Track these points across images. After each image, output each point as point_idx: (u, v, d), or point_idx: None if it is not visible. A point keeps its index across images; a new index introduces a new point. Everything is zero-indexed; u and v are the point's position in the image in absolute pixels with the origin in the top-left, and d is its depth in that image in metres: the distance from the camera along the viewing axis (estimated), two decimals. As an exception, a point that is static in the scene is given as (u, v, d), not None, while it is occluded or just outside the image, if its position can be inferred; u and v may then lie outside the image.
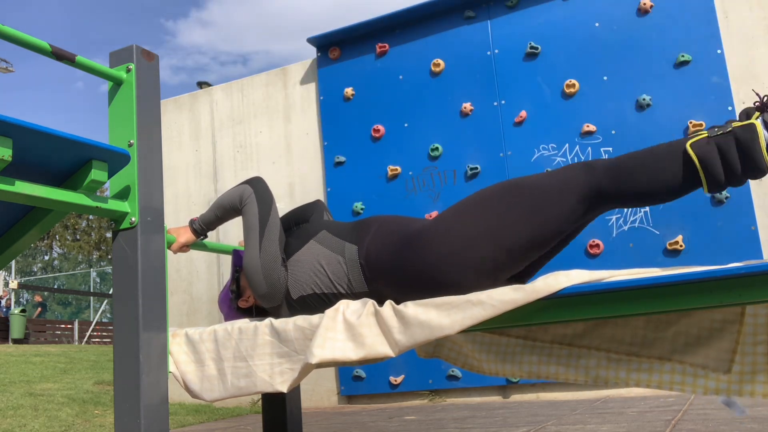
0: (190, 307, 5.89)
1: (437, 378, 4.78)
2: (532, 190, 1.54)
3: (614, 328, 1.69)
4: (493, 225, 1.53)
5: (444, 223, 1.60)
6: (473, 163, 4.95)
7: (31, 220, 1.66)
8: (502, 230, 1.52)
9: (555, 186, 1.52)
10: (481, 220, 1.54)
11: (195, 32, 57.95)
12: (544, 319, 1.34)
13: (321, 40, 5.52)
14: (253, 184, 1.87)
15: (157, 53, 1.70)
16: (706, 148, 1.40)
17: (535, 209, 1.51)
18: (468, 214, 1.57)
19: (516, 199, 1.54)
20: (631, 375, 1.64)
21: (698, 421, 2.74)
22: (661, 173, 1.45)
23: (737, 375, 1.52)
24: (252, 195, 1.84)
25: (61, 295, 23.95)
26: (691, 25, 4.52)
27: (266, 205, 1.83)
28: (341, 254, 1.75)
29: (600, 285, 1.28)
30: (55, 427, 3.86)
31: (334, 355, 1.44)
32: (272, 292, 1.77)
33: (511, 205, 1.53)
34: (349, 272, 1.72)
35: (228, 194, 1.88)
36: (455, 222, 1.57)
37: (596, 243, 4.52)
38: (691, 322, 1.58)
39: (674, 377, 1.58)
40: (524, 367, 1.80)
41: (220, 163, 6.02)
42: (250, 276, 1.78)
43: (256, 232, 1.80)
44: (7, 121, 1.23)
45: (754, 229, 4.19)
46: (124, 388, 1.48)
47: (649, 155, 1.48)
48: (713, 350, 1.54)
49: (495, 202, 1.56)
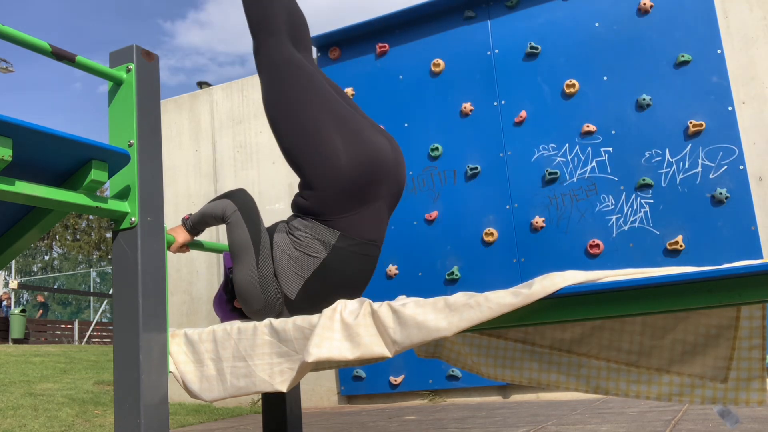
0: (190, 307, 5.89)
1: (437, 378, 4.78)
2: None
3: (612, 333, 1.70)
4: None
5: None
6: (473, 163, 4.95)
7: (31, 220, 1.66)
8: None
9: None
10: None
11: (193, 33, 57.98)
12: (540, 320, 1.34)
13: (321, 40, 5.52)
14: (235, 198, 1.86)
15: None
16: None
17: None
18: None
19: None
20: (631, 386, 1.67)
21: (698, 421, 2.74)
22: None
23: (734, 382, 1.54)
24: (236, 212, 1.82)
25: (61, 295, 23.96)
26: (691, 25, 4.52)
27: (254, 223, 1.83)
28: (296, 229, 1.84)
29: (595, 285, 1.28)
30: (55, 427, 3.86)
31: (330, 354, 1.45)
32: (269, 306, 1.80)
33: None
34: (313, 233, 1.81)
35: (211, 207, 1.87)
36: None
37: (596, 243, 4.52)
38: (688, 328, 1.60)
39: (672, 389, 1.62)
40: (525, 374, 1.82)
41: (220, 163, 6.02)
42: (246, 293, 1.79)
43: (250, 252, 1.80)
44: (7, 121, 1.23)
45: (754, 229, 4.19)
46: (124, 388, 1.48)
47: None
48: (710, 358, 1.57)
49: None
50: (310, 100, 1.86)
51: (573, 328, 1.75)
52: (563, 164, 4.71)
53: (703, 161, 4.37)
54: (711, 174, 4.34)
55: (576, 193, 4.65)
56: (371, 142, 1.85)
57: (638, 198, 4.49)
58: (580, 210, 4.62)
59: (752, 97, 4.38)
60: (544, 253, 4.65)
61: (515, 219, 4.77)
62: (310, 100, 1.86)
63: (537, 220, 4.69)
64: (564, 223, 4.64)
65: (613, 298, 1.27)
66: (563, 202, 4.67)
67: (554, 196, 4.70)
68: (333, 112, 1.86)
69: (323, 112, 1.84)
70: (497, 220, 4.82)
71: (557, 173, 4.69)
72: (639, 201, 4.48)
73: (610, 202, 4.56)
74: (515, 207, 4.79)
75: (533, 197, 4.76)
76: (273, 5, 1.95)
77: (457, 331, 1.37)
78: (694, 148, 4.40)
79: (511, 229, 4.78)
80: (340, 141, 1.81)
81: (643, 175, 4.49)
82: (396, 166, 1.93)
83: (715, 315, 1.56)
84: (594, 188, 4.61)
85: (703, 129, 4.39)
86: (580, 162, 4.67)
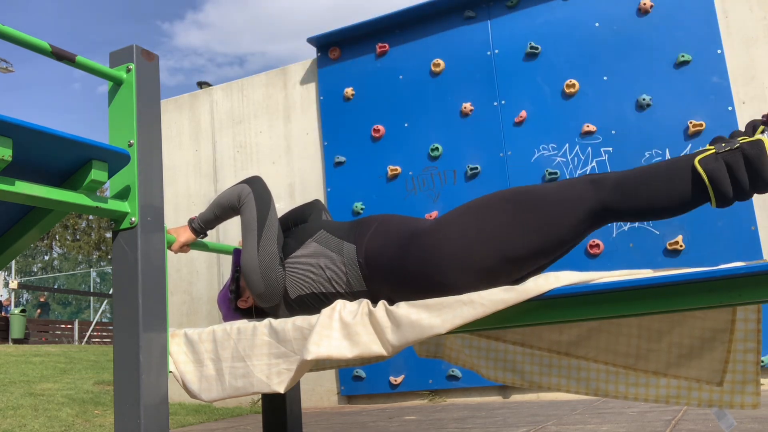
0: (190, 307, 5.89)
1: (437, 378, 4.78)
2: (539, 203, 1.53)
3: (608, 336, 1.71)
4: (497, 233, 1.53)
5: (448, 224, 1.59)
6: (473, 163, 4.95)
7: (31, 220, 1.66)
8: (506, 239, 1.52)
9: (563, 200, 1.52)
10: (487, 225, 1.54)
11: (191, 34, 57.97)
12: (534, 320, 1.34)
13: (321, 40, 5.52)
14: (252, 183, 1.86)
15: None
16: (715, 165, 1.40)
17: (542, 222, 1.51)
18: (473, 218, 1.57)
19: (523, 208, 1.54)
20: (629, 389, 1.69)
21: (698, 421, 2.74)
22: (669, 190, 1.45)
23: (729, 385, 1.56)
24: (250, 194, 1.83)
25: (61, 295, 23.95)
26: (691, 25, 4.52)
27: (264, 204, 1.82)
28: (339, 253, 1.75)
29: (590, 286, 1.28)
30: (55, 427, 3.86)
31: (329, 352, 1.45)
32: (270, 291, 1.77)
33: (517, 214, 1.53)
34: (348, 271, 1.72)
35: (226, 193, 1.88)
36: (460, 224, 1.57)
37: (596, 243, 4.52)
38: (684, 331, 1.61)
39: (670, 391, 1.64)
40: (526, 377, 1.83)
41: (220, 163, 6.02)
42: (248, 275, 1.78)
43: (254, 232, 1.79)
44: (7, 121, 1.23)
45: (754, 229, 4.19)
46: (124, 388, 1.48)
47: (656, 172, 1.48)
48: (706, 361, 1.59)
49: (501, 208, 1.55)
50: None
51: (570, 330, 1.75)
52: (563, 164, 4.71)
53: (703, 161, 4.36)
54: (711, 174, 4.33)
55: (576, 193, 4.64)
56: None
57: (638, 198, 4.49)
58: (580, 210, 4.61)
59: (752, 97, 4.38)
60: (544, 253, 4.65)
61: (515, 219, 4.77)
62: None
63: (537, 220, 4.68)
64: (564, 223, 4.64)
65: (607, 298, 1.28)
66: (563, 202, 4.67)
67: (554, 196, 4.69)
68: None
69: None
70: (497, 220, 4.81)
71: (557, 173, 4.69)
72: (639, 201, 4.48)
73: (610, 202, 4.55)
74: (515, 207, 4.78)
75: (533, 197, 4.75)
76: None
77: (451, 328, 1.38)
78: (694, 148, 4.40)
79: (511, 229, 4.77)
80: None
81: (643, 175, 4.49)
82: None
83: (710, 318, 1.57)
84: (594, 188, 4.60)
85: (703, 129, 4.39)
86: (580, 162, 4.67)
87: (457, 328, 1.39)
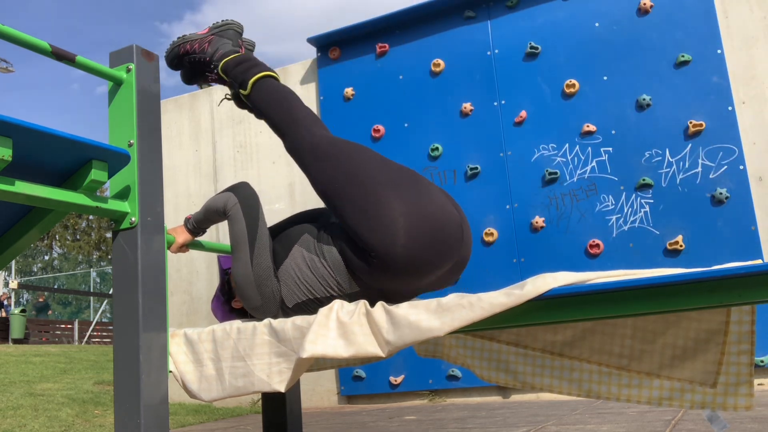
0: (190, 307, 5.89)
1: (437, 378, 4.79)
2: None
3: (603, 337, 1.71)
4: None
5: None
6: (473, 163, 4.95)
7: (31, 220, 1.66)
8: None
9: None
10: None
11: (190, 35, 57.86)
12: (532, 321, 1.34)
13: (321, 40, 5.52)
14: (237, 191, 1.84)
15: (157, 53, 1.70)
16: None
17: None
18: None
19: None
20: (622, 390, 1.69)
21: (698, 421, 2.74)
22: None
23: (722, 387, 1.56)
24: (236, 205, 1.81)
25: (61, 295, 23.96)
26: (691, 25, 4.52)
27: (252, 214, 1.80)
28: (323, 257, 1.75)
29: (587, 286, 1.29)
30: (55, 427, 3.86)
31: (325, 350, 1.45)
32: (267, 304, 1.77)
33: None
34: (336, 274, 1.72)
35: (213, 201, 1.86)
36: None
37: (596, 243, 4.52)
38: (678, 332, 1.61)
39: (663, 393, 1.63)
40: (519, 377, 1.83)
41: (220, 163, 6.02)
42: (243, 290, 1.77)
43: (245, 246, 1.77)
44: (7, 121, 1.23)
45: (754, 229, 4.19)
46: (124, 388, 1.48)
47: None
48: (700, 363, 1.59)
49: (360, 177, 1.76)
50: (366, 168, 1.80)
51: (564, 330, 1.76)
52: (563, 164, 4.71)
53: (703, 161, 4.37)
54: (711, 174, 4.34)
55: (576, 193, 4.65)
56: (435, 219, 1.70)
57: (638, 198, 4.49)
58: (580, 210, 4.62)
59: (752, 97, 4.38)
60: (544, 253, 4.65)
61: (515, 219, 4.77)
62: (366, 168, 1.80)
63: (537, 220, 4.69)
64: (564, 223, 4.64)
65: (604, 299, 1.28)
66: (563, 202, 4.67)
67: (554, 196, 4.70)
68: (392, 179, 1.74)
69: (382, 179, 1.74)
70: (497, 220, 4.82)
71: (557, 173, 4.69)
72: (639, 201, 4.49)
73: (610, 202, 4.56)
74: (515, 207, 4.79)
75: (533, 197, 4.76)
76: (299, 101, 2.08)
77: (450, 331, 1.38)
78: (694, 148, 4.40)
79: (511, 229, 4.78)
80: (402, 211, 1.66)
81: (643, 175, 4.49)
82: (461, 247, 1.76)
83: (705, 319, 1.57)
84: (594, 188, 4.61)
85: (703, 129, 4.39)
86: (580, 162, 4.67)
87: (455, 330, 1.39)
